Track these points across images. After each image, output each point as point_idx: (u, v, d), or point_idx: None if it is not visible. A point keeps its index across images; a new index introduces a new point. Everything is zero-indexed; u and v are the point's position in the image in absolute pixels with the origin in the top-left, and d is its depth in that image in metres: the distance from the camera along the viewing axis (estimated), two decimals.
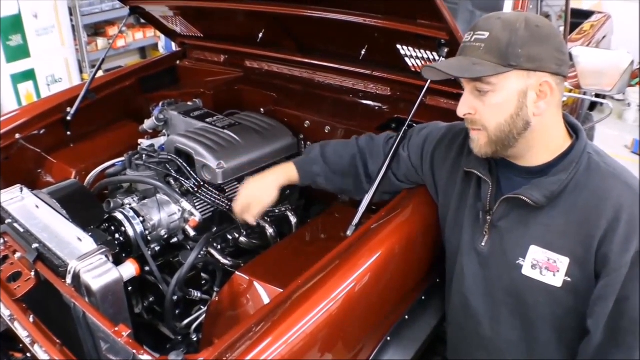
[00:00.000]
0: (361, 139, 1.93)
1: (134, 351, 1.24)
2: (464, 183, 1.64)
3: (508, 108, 1.40)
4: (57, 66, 5.50)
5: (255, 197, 1.84)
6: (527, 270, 1.47)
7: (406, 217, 1.71)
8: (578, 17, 4.14)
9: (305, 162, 1.92)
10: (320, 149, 1.92)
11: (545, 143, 1.46)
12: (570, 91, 2.92)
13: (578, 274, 1.41)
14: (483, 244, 1.56)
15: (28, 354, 1.64)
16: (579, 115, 3.75)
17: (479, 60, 1.38)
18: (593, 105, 4.15)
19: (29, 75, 5.27)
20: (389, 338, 1.64)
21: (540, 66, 1.36)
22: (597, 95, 3.11)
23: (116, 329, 1.30)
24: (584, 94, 3.19)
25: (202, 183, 2.04)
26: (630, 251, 1.35)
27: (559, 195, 1.43)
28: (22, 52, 5.15)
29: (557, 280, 1.43)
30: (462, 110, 1.47)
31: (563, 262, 1.42)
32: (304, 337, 1.33)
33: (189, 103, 2.56)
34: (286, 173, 1.89)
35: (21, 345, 1.65)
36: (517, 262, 1.48)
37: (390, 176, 1.83)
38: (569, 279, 1.42)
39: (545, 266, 1.44)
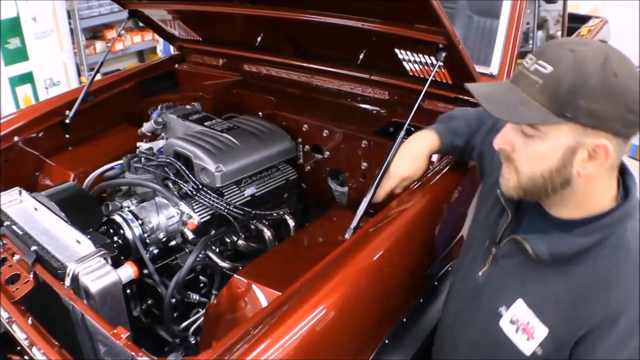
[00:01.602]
0: (470, 110, 1.86)
1: (133, 353, 1.24)
2: (495, 203, 1.47)
3: (549, 161, 1.19)
4: (56, 69, 5.51)
5: (409, 173, 1.82)
6: (504, 323, 1.32)
7: (404, 220, 1.71)
8: (575, 22, 4.17)
9: (447, 132, 1.81)
10: (458, 123, 1.82)
11: (581, 201, 1.25)
12: None
13: (550, 350, 1.24)
14: (480, 273, 1.43)
15: (26, 357, 1.64)
16: None
17: (529, 100, 1.16)
18: None
19: (27, 78, 5.27)
20: (387, 341, 1.65)
21: (600, 125, 1.12)
22: None
23: (115, 331, 1.30)
24: None
25: (200, 186, 2.04)
26: (622, 355, 1.16)
27: (568, 260, 1.23)
28: (20, 55, 5.15)
29: (528, 347, 1.27)
30: (498, 143, 1.28)
31: (541, 332, 1.25)
32: (302, 340, 1.33)
33: (188, 106, 2.57)
34: (432, 144, 1.81)
35: (19, 348, 1.66)
36: (500, 309, 1.33)
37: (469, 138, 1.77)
38: (539, 351, 1.25)
39: (523, 327, 1.28)
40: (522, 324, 1.28)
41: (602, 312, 1.17)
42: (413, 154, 1.82)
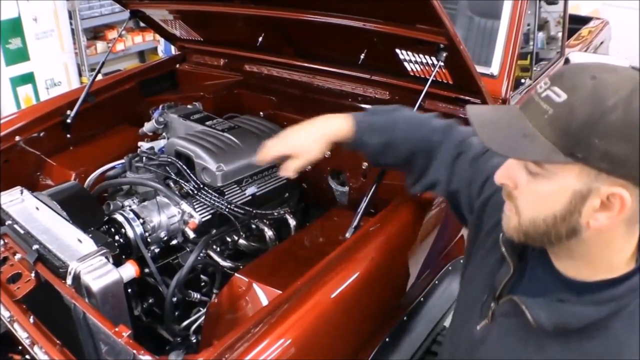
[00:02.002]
0: (435, 123, 1.60)
1: (134, 351, 1.25)
2: (494, 246, 1.27)
3: (553, 206, 1.00)
4: (57, 70, 5.51)
5: (303, 149, 1.58)
6: None
7: (405, 219, 1.72)
8: (576, 23, 4.17)
9: (365, 126, 1.59)
10: (387, 120, 1.60)
11: (594, 260, 1.05)
12: None
13: None
14: (479, 327, 1.24)
15: (27, 356, 1.64)
16: None
17: (534, 132, 0.98)
18: None
19: (28, 78, 5.27)
20: (387, 339, 1.65)
21: (618, 170, 0.93)
22: None
23: (116, 329, 1.31)
24: None
25: (201, 185, 2.05)
26: None
27: (577, 331, 1.04)
28: (21, 55, 5.15)
29: None
30: (500, 177, 1.10)
31: None
32: (303, 338, 1.34)
33: (189, 106, 2.57)
34: (340, 129, 1.59)
35: (20, 347, 1.66)
36: None
37: (443, 183, 1.54)
38: None
39: None
40: None
41: None
42: (315, 135, 1.58)
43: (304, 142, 1.59)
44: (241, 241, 2.04)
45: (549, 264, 1.13)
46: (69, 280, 1.54)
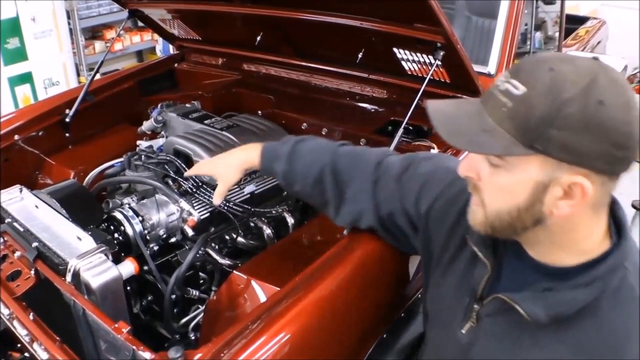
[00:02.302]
0: (343, 152, 1.59)
1: (134, 347, 1.25)
2: (459, 248, 1.28)
3: (516, 197, 1.02)
4: (55, 69, 5.51)
5: (220, 175, 1.72)
6: None
7: None
8: (573, 23, 4.19)
9: (270, 154, 1.66)
10: (291, 148, 1.63)
11: (565, 243, 1.06)
12: None
13: None
14: (464, 331, 1.22)
15: (26, 354, 1.65)
16: None
17: (494, 126, 0.98)
18: None
19: (27, 78, 5.28)
20: (385, 335, 1.66)
21: (577, 161, 0.94)
22: None
23: (116, 325, 1.32)
24: None
25: (200, 184, 2.06)
26: None
27: (568, 318, 1.04)
28: (19, 55, 5.16)
29: None
30: (463, 170, 1.10)
31: None
32: (301, 334, 1.35)
33: (188, 105, 2.58)
34: (251, 158, 1.69)
35: (19, 345, 1.67)
36: None
37: (368, 211, 1.52)
38: None
39: None
40: None
41: None
42: (230, 163, 1.73)
43: (221, 169, 1.74)
44: (240, 239, 2.05)
45: (525, 255, 1.13)
46: (68, 278, 1.55)
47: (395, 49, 2.14)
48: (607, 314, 1.03)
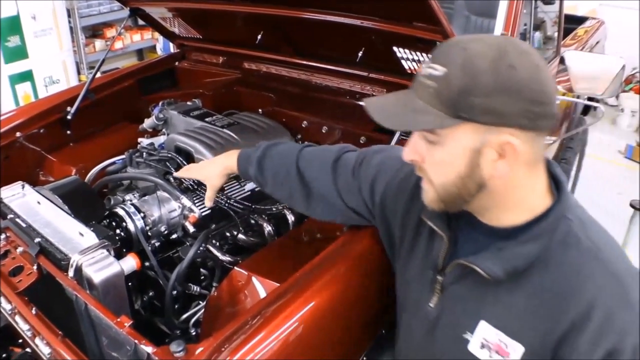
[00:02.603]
0: (305, 152, 1.69)
1: (136, 341, 1.26)
2: (416, 230, 1.38)
3: (455, 167, 1.12)
4: (55, 67, 5.53)
5: (205, 179, 1.88)
6: (474, 348, 1.21)
7: None
8: (572, 23, 4.20)
9: (244, 159, 1.78)
10: (261, 153, 1.73)
11: (510, 204, 1.17)
12: (564, 94, 2.97)
13: None
14: (432, 304, 1.31)
15: (27, 349, 1.66)
16: (572, 119, 3.80)
17: (423, 106, 1.09)
18: (586, 110, 4.20)
19: (27, 76, 5.29)
20: (384, 331, 1.68)
21: (501, 121, 1.05)
22: (591, 100, 3.15)
23: (118, 319, 1.32)
24: (578, 97, 3.23)
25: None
26: (596, 354, 1.07)
27: (524, 271, 1.14)
28: (20, 53, 5.17)
29: None
30: (407, 154, 1.20)
31: (517, 350, 1.15)
32: (301, 330, 1.36)
33: (189, 103, 2.60)
34: (231, 163, 1.81)
35: (20, 340, 1.68)
36: (464, 335, 1.23)
37: (337, 203, 1.60)
38: None
39: (496, 349, 1.18)
40: (494, 345, 1.19)
41: (572, 312, 1.09)
42: (213, 168, 1.86)
43: (205, 174, 1.88)
44: (240, 236, 2.06)
45: (477, 222, 1.23)
46: (70, 273, 1.55)
47: (395, 48, 2.15)
48: (557, 261, 1.12)
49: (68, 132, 2.60)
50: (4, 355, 1.74)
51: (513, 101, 1.03)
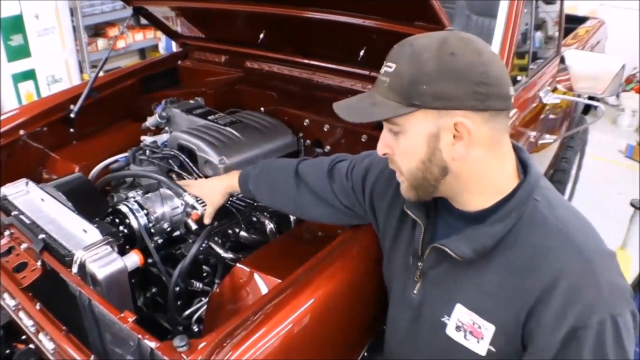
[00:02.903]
0: (303, 163, 1.79)
1: (139, 336, 1.28)
2: (400, 222, 1.47)
3: (417, 153, 1.20)
4: (58, 66, 5.54)
5: (206, 197, 1.96)
6: (451, 331, 1.29)
7: None
8: (573, 23, 4.21)
9: (244, 177, 1.88)
10: (260, 169, 1.85)
11: (477, 187, 1.24)
12: (564, 94, 2.98)
13: (503, 345, 1.22)
14: (415, 291, 1.39)
15: (31, 345, 1.67)
16: (573, 118, 3.80)
17: (381, 99, 1.20)
18: (587, 109, 4.21)
19: (30, 75, 5.31)
20: (384, 327, 1.68)
21: (450, 104, 1.13)
22: (591, 99, 3.16)
23: (121, 315, 1.34)
24: (578, 97, 3.24)
25: (204, 178, 2.08)
26: (562, 328, 1.11)
27: (493, 250, 1.21)
28: (23, 52, 5.18)
29: (481, 347, 1.24)
30: (379, 149, 1.30)
31: (488, 330, 1.22)
32: (302, 326, 1.38)
33: (191, 101, 2.61)
34: (232, 183, 1.92)
35: (24, 337, 1.69)
36: (442, 319, 1.30)
37: (337, 205, 1.68)
38: (492, 349, 1.22)
39: (470, 330, 1.25)
40: (468, 327, 1.26)
41: (538, 285, 1.14)
42: (215, 188, 1.95)
43: (207, 191, 1.97)
44: (242, 233, 2.07)
45: (452, 208, 1.32)
46: (74, 269, 1.56)
47: None
48: (524, 239, 1.19)
49: (71, 130, 2.61)
50: (7, 351, 1.75)
51: (458, 84, 1.12)
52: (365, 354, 1.67)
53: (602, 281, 1.12)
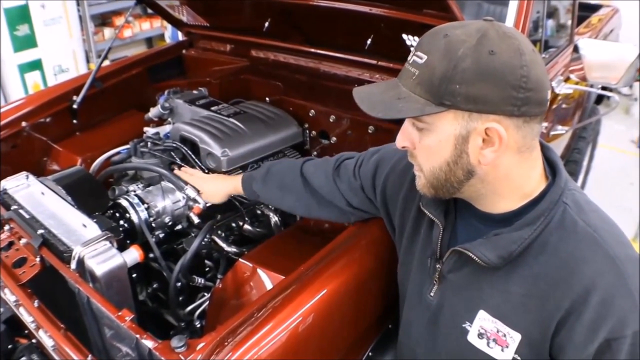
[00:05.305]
0: (308, 163, 1.75)
1: (137, 335, 1.25)
2: (417, 220, 1.40)
3: (442, 153, 1.13)
4: (64, 56, 5.53)
5: (206, 194, 1.93)
6: (473, 338, 1.22)
7: None
8: (586, 11, 4.13)
9: (248, 179, 1.86)
10: (266, 170, 1.81)
11: (504, 191, 1.17)
12: (577, 84, 2.92)
13: (528, 354, 1.16)
14: (432, 294, 1.32)
15: (33, 340, 1.66)
16: (585, 108, 3.74)
17: (408, 94, 1.10)
18: (600, 99, 4.14)
19: (36, 65, 5.30)
20: (390, 326, 1.66)
21: (484, 108, 1.04)
22: (604, 89, 3.10)
23: (119, 313, 1.31)
24: (591, 86, 3.18)
25: (206, 171, 2.05)
26: (595, 341, 1.06)
27: (520, 256, 1.14)
28: (29, 42, 5.18)
29: (505, 355, 1.17)
30: (400, 141, 1.21)
31: (514, 338, 1.16)
32: (305, 323, 1.35)
33: (195, 91, 2.57)
34: (235, 185, 1.89)
35: (26, 332, 1.67)
36: (464, 325, 1.24)
37: (343, 206, 1.64)
38: (518, 358, 1.16)
39: (494, 338, 1.19)
40: (491, 334, 1.19)
41: (569, 297, 1.08)
42: (217, 188, 1.94)
43: (209, 188, 1.94)
44: (246, 227, 2.05)
45: (474, 210, 1.24)
46: (73, 265, 1.54)
47: (404, 36, 2.12)
48: (554, 246, 1.11)
49: (74, 121, 2.59)
50: (9, 346, 1.73)
51: (495, 88, 1.03)
52: (370, 353, 1.64)
53: (634, 292, 1.06)
